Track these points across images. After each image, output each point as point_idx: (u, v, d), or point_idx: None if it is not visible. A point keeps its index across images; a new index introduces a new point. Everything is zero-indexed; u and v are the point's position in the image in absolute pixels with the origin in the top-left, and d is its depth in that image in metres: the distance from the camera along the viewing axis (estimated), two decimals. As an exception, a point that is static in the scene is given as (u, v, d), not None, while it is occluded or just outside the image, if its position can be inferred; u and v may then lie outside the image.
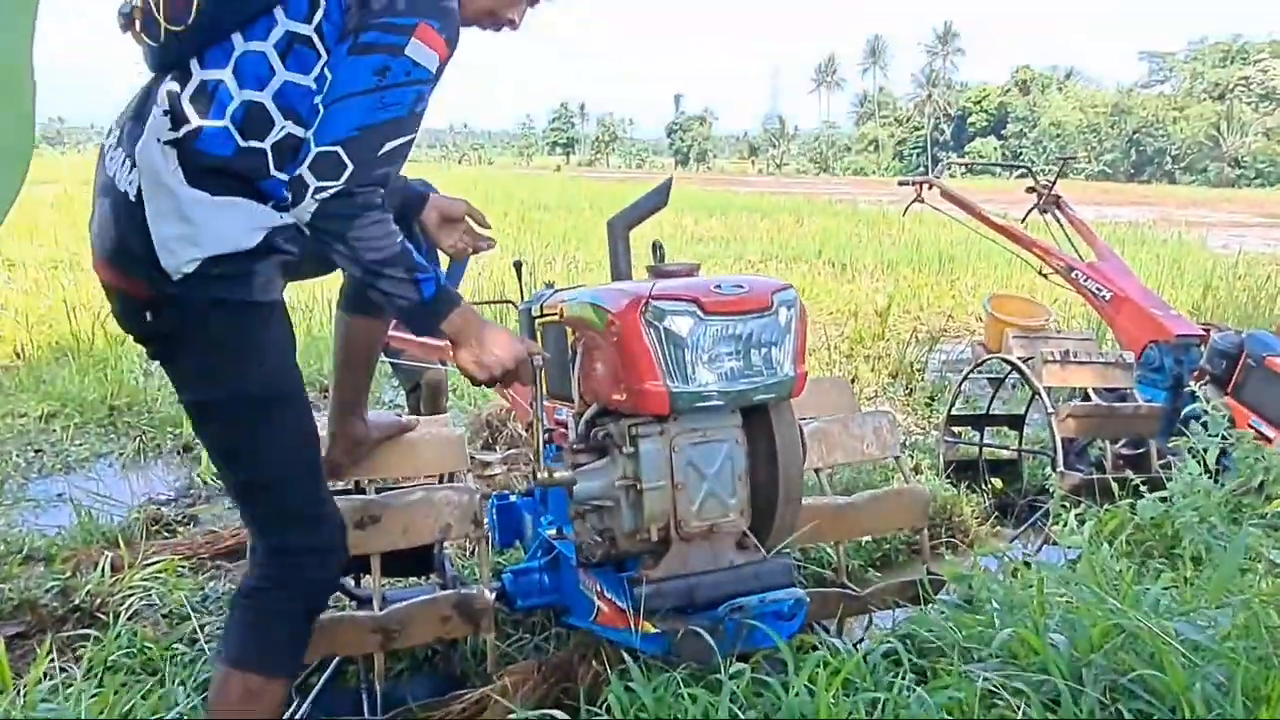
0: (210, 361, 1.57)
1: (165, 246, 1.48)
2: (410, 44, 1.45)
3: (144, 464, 4.22)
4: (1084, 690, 1.42)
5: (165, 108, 1.48)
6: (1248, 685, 1.33)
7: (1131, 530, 2.76)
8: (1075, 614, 1.62)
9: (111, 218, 1.53)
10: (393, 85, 1.44)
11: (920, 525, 2.49)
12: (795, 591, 1.71)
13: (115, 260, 1.54)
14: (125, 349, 5.35)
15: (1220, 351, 3.85)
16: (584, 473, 1.74)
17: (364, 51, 1.45)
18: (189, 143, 1.47)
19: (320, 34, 1.48)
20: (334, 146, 1.42)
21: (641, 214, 2.21)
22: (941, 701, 1.45)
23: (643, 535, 1.73)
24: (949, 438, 4.34)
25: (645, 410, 1.66)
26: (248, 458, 1.63)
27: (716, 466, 1.75)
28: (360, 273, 1.49)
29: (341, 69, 1.46)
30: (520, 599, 2.31)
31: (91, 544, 3.04)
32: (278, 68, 1.48)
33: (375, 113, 1.44)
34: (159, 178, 1.47)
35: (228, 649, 1.67)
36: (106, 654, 2.19)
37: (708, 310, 1.63)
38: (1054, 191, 4.90)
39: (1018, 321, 4.95)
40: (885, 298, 8.34)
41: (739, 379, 1.67)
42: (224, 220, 1.48)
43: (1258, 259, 12.12)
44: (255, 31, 1.48)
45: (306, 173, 1.42)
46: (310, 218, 1.44)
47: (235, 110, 1.47)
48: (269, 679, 1.64)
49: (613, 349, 1.68)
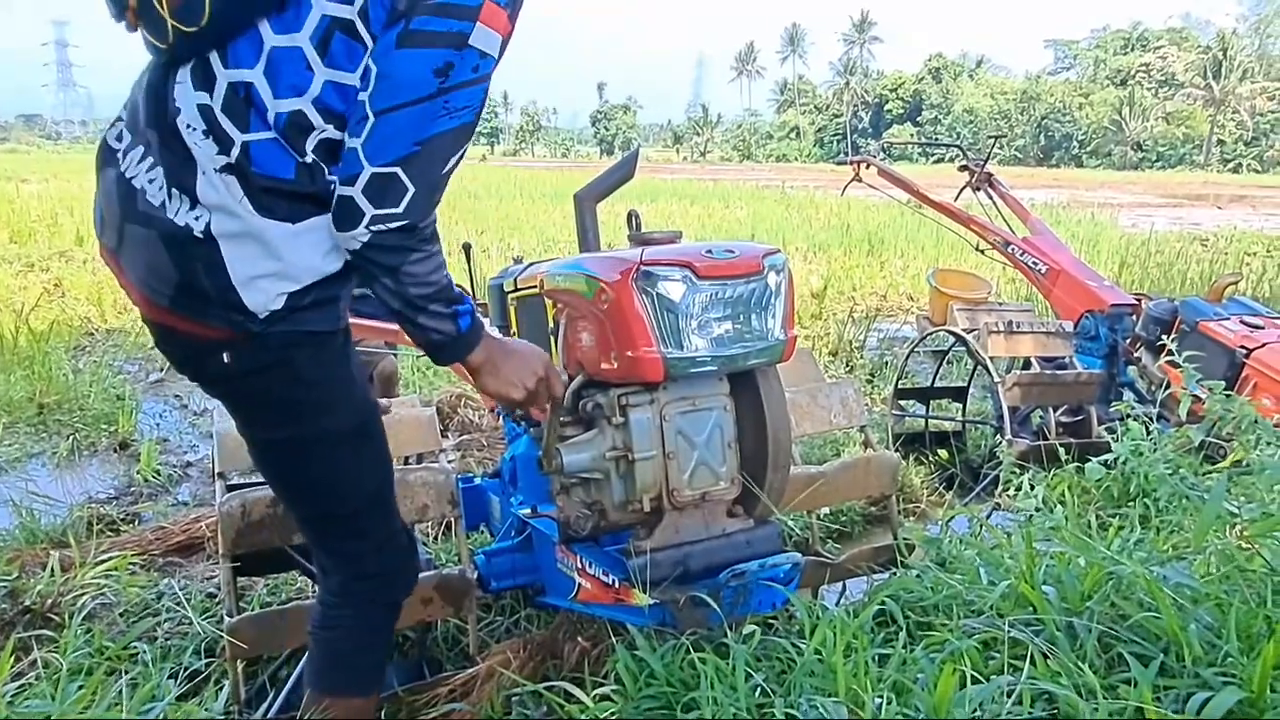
0: (305, 397, 1.41)
1: (251, 285, 1.29)
2: (476, 31, 1.21)
3: (79, 462, 4.05)
4: (1079, 637, 1.47)
5: (204, 128, 1.26)
6: (1240, 626, 1.39)
7: (1079, 492, 2.85)
8: (1061, 566, 1.67)
9: (169, 257, 1.30)
10: (458, 86, 1.22)
11: (890, 492, 2.53)
12: (793, 556, 1.72)
13: (181, 304, 1.32)
14: (53, 346, 5.13)
15: (1155, 319, 4.02)
16: (572, 445, 1.72)
17: (420, 42, 1.20)
18: (245, 164, 1.26)
19: (365, 17, 1.23)
20: (393, 168, 1.21)
21: (609, 186, 2.19)
22: (943, 656, 1.48)
23: (634, 506, 1.71)
24: (896, 411, 4.44)
25: (639, 377, 1.64)
26: (334, 489, 1.51)
27: (706, 434, 1.75)
28: (400, 306, 1.32)
29: (392, 66, 1.21)
30: (495, 580, 2.28)
31: (35, 544, 2.91)
32: (316, 65, 1.25)
33: (438, 121, 1.22)
34: (229, 212, 1.27)
35: (321, 679, 1.62)
36: (65, 654, 2.09)
37: (700, 275, 1.61)
38: (986, 170, 5.03)
39: (961, 295, 5.07)
40: (820, 280, 8.46)
41: (731, 344, 1.66)
42: (308, 248, 1.30)
43: (1166, 237, 12.68)
44: (286, 20, 1.24)
45: (360, 197, 1.22)
46: (360, 248, 1.26)
47: (276, 119, 1.27)
48: (369, 698, 1.65)
49: (602, 317, 1.65)
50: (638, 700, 1.53)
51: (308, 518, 1.59)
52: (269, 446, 1.50)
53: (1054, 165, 68.40)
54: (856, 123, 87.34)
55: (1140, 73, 76.06)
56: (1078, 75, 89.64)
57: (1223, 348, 3.77)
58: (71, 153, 59.70)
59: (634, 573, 1.65)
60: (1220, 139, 67.51)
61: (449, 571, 2.10)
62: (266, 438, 1.49)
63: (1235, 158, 66.02)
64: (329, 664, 1.63)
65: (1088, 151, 70.86)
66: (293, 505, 1.60)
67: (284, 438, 1.46)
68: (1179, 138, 68.55)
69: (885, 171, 5.39)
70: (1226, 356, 3.74)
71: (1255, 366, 3.64)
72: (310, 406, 1.42)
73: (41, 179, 22.91)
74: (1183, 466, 2.50)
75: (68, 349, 5.67)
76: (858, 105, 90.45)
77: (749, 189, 25.01)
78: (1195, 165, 65.17)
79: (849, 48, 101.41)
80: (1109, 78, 78.79)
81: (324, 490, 1.52)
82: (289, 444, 1.47)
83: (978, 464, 4.23)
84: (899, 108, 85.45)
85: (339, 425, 1.46)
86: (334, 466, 1.49)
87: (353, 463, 1.51)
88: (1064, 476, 2.84)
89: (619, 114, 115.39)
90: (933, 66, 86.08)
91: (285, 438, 1.46)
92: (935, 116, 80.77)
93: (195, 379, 1.47)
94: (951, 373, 5.25)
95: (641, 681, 1.54)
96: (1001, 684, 1.36)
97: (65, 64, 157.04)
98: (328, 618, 1.61)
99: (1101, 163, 68.30)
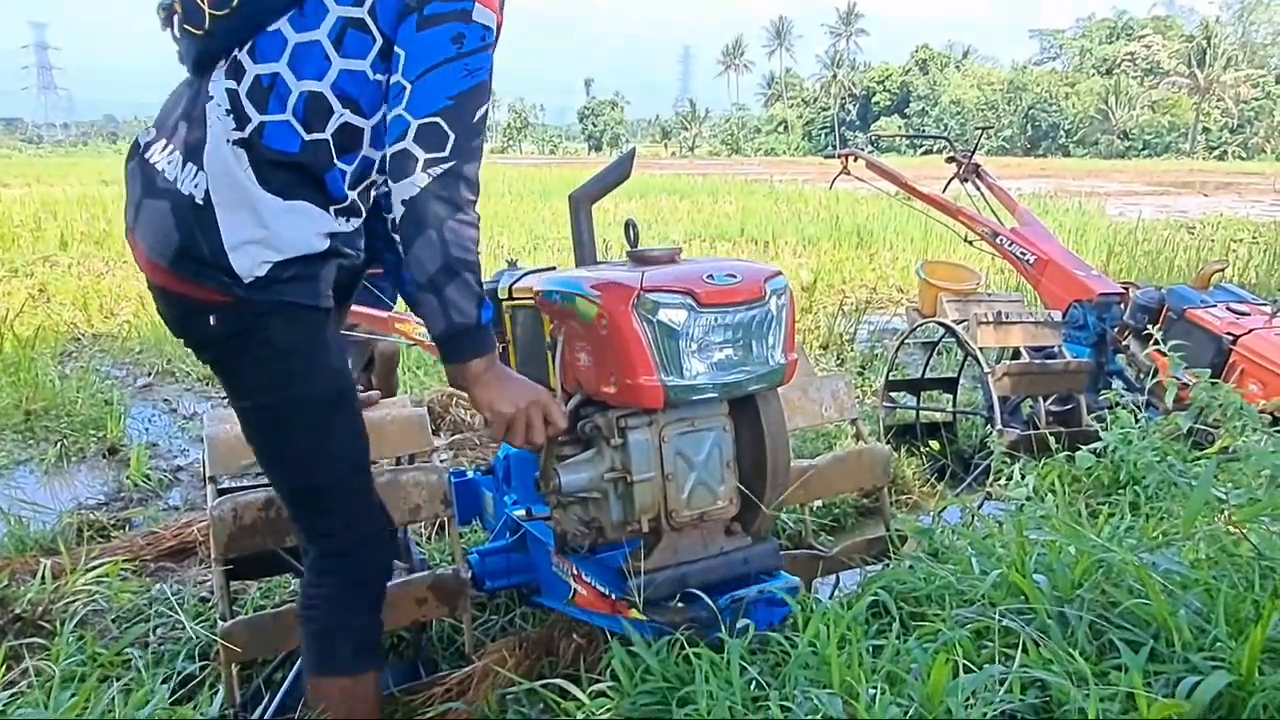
0: (278, 365, 1.55)
1: (240, 249, 1.46)
2: (475, 9, 1.45)
3: (67, 469, 4.02)
4: (1070, 625, 1.48)
5: (227, 107, 1.46)
6: (1229, 610, 1.40)
7: (1069, 481, 2.87)
8: (1052, 554, 1.68)
9: (174, 221, 1.48)
10: (471, 51, 1.45)
11: (881, 484, 2.54)
12: (792, 580, 1.72)
13: (179, 265, 1.49)
14: (39, 352, 5.09)
15: (1142, 307, 4.04)
16: (570, 465, 1.70)
17: (434, 23, 1.44)
18: (257, 139, 1.46)
19: (374, 15, 1.46)
20: (434, 118, 1.43)
21: (605, 187, 2.16)
22: (936, 646, 1.49)
23: (632, 526, 1.69)
24: (887, 403, 4.45)
25: (638, 404, 1.61)
26: (312, 460, 1.62)
27: (705, 454, 1.73)
28: (437, 269, 1.45)
29: (416, 45, 1.44)
30: (489, 580, 2.28)
31: (25, 552, 2.89)
32: (333, 56, 1.46)
33: (463, 80, 1.45)
34: (233, 179, 1.46)
35: (311, 661, 1.69)
36: (57, 662, 2.08)
37: (702, 302, 1.58)
38: (973, 161, 5.04)
39: (950, 286, 5.08)
40: (810, 273, 8.47)
41: (732, 370, 1.63)
42: (294, 224, 1.48)
43: (1153, 225, 12.74)
44: (306, 21, 1.46)
45: (412, 145, 1.42)
46: (418, 193, 1.42)
47: (296, 103, 1.46)
48: (360, 676, 1.68)
49: (602, 341, 1.61)
50: (633, 696, 1.53)
51: (284, 489, 1.70)
52: (248, 415, 1.63)
53: (1041, 155, 68.65)
54: (844, 115, 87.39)
55: (1125, 61, 76.38)
56: (1064, 65, 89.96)
57: (1209, 335, 3.80)
58: (54, 157, 59.33)
59: (632, 592, 1.65)
60: (1205, 127, 67.86)
61: (443, 571, 2.10)
62: (252, 405, 1.61)
63: (1220, 145, 66.39)
64: (311, 644, 1.69)
65: (1074, 141, 71.14)
66: (269, 474, 1.71)
67: (260, 405, 1.59)
68: (1164, 126, 68.86)
69: (873, 164, 5.40)
70: (1213, 343, 3.77)
71: (1242, 353, 3.67)
72: (282, 374, 1.55)
73: (24, 183, 22.74)
74: (1171, 454, 2.51)
75: (54, 355, 5.62)
76: (845, 98, 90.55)
77: (738, 183, 25.02)
78: (1181, 153, 65.51)
79: (835, 40, 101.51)
80: (1095, 67, 79.09)
81: (296, 461, 1.63)
82: (265, 411, 1.60)
83: (969, 454, 4.25)
84: (886, 100, 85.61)
85: (309, 395, 1.57)
86: (306, 437, 1.59)
87: (337, 432, 1.62)
88: (1054, 465, 2.86)
89: (607, 110, 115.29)
90: (919, 58, 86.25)
91: (261, 405, 1.59)
92: (923, 108, 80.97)
93: (187, 342, 1.62)
94: (942, 364, 5.27)
95: (637, 678, 1.54)
96: (993, 672, 1.36)
97: (46, 66, 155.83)
98: (308, 598, 1.69)
99: (1088, 152, 68.59)
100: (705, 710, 1.41)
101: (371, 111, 1.51)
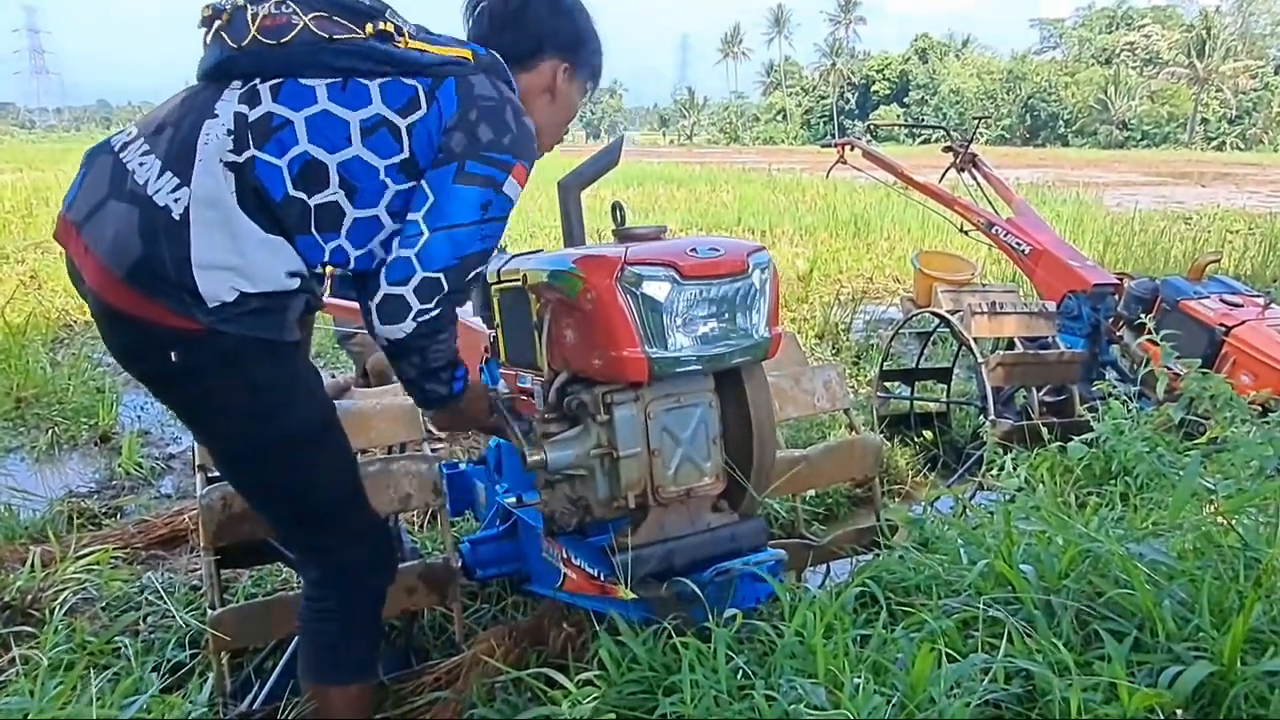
0: (260, 401, 1.50)
1: (209, 271, 1.40)
2: (507, 182, 1.51)
3: (58, 457, 4.02)
4: (1056, 614, 1.48)
5: (230, 128, 1.42)
6: (1212, 600, 1.41)
7: (1061, 471, 2.87)
8: (1040, 545, 1.68)
9: (138, 230, 1.39)
10: (492, 219, 1.51)
11: (872, 474, 2.55)
12: (776, 553, 1.72)
13: (136, 278, 1.39)
14: (30, 339, 5.07)
15: (1136, 297, 4.04)
16: (556, 442, 1.70)
17: (470, 181, 1.48)
18: (248, 170, 1.42)
19: (410, 133, 1.48)
20: (439, 274, 1.47)
21: (594, 173, 2.16)
22: (922, 636, 1.49)
23: (619, 503, 1.70)
24: (881, 393, 4.45)
25: (623, 377, 1.62)
26: (303, 491, 1.61)
27: (691, 430, 1.73)
28: (417, 375, 1.57)
29: (447, 196, 1.48)
30: (480, 569, 2.28)
31: (15, 540, 2.89)
32: (356, 140, 1.46)
33: (475, 243, 1.51)
34: (218, 200, 1.41)
35: (313, 671, 1.70)
36: (45, 650, 2.08)
37: (685, 274, 1.59)
38: (970, 151, 5.03)
39: (945, 276, 5.08)
40: (806, 262, 8.47)
41: (716, 343, 1.64)
42: (270, 258, 1.44)
43: (1150, 215, 12.73)
44: (345, 98, 1.46)
45: (410, 295, 1.47)
46: (404, 337, 1.50)
47: (295, 156, 1.43)
48: (363, 684, 1.72)
49: (587, 316, 1.62)
50: (620, 685, 1.54)
51: (285, 519, 1.68)
52: (225, 454, 1.61)
53: (1040, 145, 68.53)
54: (843, 104, 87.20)
55: (1125, 51, 76.19)
56: (1063, 54, 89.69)
57: (1202, 326, 3.80)
58: (46, 142, 58.99)
59: (619, 569, 1.65)
60: (1204, 117, 67.72)
61: (434, 560, 2.10)
62: (220, 445, 1.60)
63: (1219, 136, 66.28)
64: (319, 655, 1.69)
65: (1073, 131, 70.99)
66: (256, 506, 1.71)
67: (240, 444, 1.56)
68: (1163, 116, 68.73)
69: (870, 153, 5.39)
70: (1206, 334, 3.78)
71: (1234, 344, 3.67)
72: (264, 410, 1.51)
73: (15, 169, 22.54)
74: (1161, 444, 2.52)
75: (45, 342, 5.62)
76: (844, 86, 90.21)
77: (736, 172, 24.96)
78: (1179, 144, 65.41)
79: (834, 28, 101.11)
80: (1094, 57, 78.85)
81: (300, 491, 1.61)
82: (246, 450, 1.56)
83: (962, 444, 4.26)
84: (885, 89, 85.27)
85: (293, 429, 1.54)
86: (293, 472, 1.58)
87: (324, 461, 1.61)
88: (1047, 456, 2.86)
89: (605, 97, 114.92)
90: (919, 47, 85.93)
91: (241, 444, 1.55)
92: (922, 97, 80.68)
93: (140, 376, 1.55)
94: (936, 354, 5.27)
95: (624, 666, 1.54)
96: (978, 662, 1.37)
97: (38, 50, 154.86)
98: (312, 610, 1.68)
99: (1087, 142, 68.47)
100: (691, 698, 1.42)
101: (362, 206, 1.48)
